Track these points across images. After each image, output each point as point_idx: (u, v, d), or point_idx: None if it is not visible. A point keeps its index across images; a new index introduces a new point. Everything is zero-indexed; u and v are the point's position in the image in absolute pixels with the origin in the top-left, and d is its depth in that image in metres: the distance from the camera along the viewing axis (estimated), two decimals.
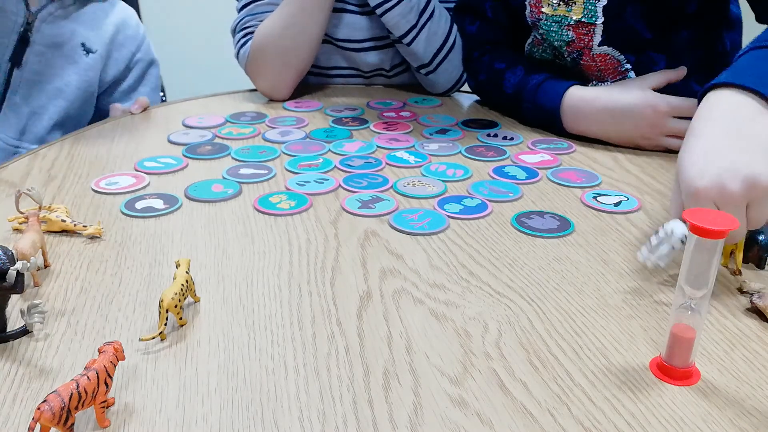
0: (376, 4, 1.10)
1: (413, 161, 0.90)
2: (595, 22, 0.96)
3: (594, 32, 0.98)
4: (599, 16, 0.96)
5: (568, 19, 0.98)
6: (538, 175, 0.86)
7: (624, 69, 1.00)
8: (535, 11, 1.01)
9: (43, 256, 0.64)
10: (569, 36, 0.99)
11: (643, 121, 0.92)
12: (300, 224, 0.73)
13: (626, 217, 0.76)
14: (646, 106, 0.92)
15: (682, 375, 0.50)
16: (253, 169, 0.87)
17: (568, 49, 1.01)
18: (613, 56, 0.99)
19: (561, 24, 0.99)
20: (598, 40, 0.98)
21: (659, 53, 0.98)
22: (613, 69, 1.00)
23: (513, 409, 0.47)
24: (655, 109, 0.91)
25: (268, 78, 1.16)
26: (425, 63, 1.15)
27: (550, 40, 1.02)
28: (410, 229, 0.72)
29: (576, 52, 1.01)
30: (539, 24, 1.02)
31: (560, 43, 1.01)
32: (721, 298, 0.60)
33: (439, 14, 1.14)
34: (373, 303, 0.59)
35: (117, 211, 0.75)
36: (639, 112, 0.92)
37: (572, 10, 0.97)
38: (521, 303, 0.59)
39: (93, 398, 0.44)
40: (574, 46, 1.00)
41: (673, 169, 0.89)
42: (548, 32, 1.01)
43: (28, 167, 0.87)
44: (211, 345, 0.53)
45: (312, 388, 0.49)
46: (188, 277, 0.56)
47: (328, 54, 1.23)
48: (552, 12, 0.99)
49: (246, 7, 1.17)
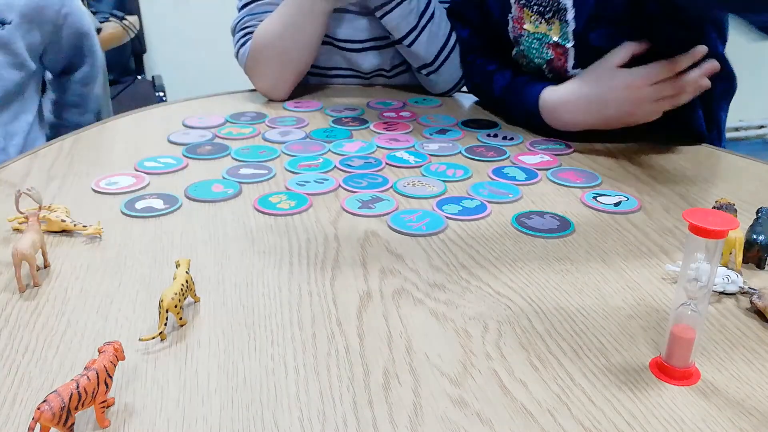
0: (376, 6, 1.11)
1: (413, 161, 0.90)
2: (566, 45, 0.96)
3: (568, 54, 0.97)
4: (570, 40, 0.95)
5: (548, 37, 0.97)
6: (537, 176, 0.86)
7: None
8: (518, 27, 1.01)
9: (43, 256, 0.64)
10: (549, 55, 0.98)
11: (624, 102, 0.90)
12: (300, 224, 0.73)
13: (626, 217, 0.76)
14: (621, 88, 0.90)
15: (682, 375, 0.50)
16: (253, 169, 0.87)
17: (547, 67, 1.01)
18: None
19: (542, 42, 0.98)
20: (572, 63, 0.97)
21: None
22: None
23: (513, 409, 0.47)
24: (629, 86, 0.89)
25: (268, 78, 1.16)
26: (428, 63, 1.16)
27: (531, 57, 1.01)
28: (408, 230, 0.72)
29: (555, 71, 1.00)
30: (520, 40, 1.01)
31: (540, 61, 1.00)
32: (721, 298, 0.60)
33: (440, 16, 1.14)
34: (373, 303, 0.59)
35: (117, 211, 0.75)
36: (615, 97, 0.90)
37: (552, 29, 0.96)
38: (521, 303, 0.59)
39: (93, 398, 0.44)
40: (554, 65, 0.99)
41: (673, 169, 0.89)
42: (529, 49, 1.01)
43: (28, 167, 0.87)
44: (211, 345, 0.53)
45: (312, 388, 0.49)
46: (188, 277, 0.56)
47: (328, 54, 1.23)
48: (534, 29, 0.98)
49: (246, 6, 1.17)
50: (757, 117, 3.37)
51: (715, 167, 0.92)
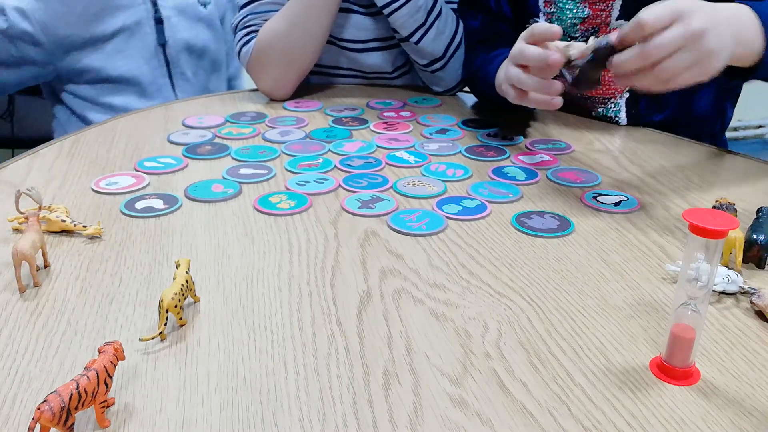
0: (383, 5, 1.10)
1: (413, 161, 0.90)
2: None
3: (612, 6, 0.97)
4: None
5: None
6: (537, 176, 0.86)
7: None
8: None
9: (43, 256, 0.64)
10: (585, 12, 0.98)
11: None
12: (300, 224, 0.73)
13: (626, 217, 0.76)
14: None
15: (682, 375, 0.50)
16: (253, 169, 0.87)
17: (582, 27, 1.00)
18: None
19: (577, 1, 0.98)
20: (616, 14, 0.98)
21: None
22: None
23: (513, 409, 0.47)
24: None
25: (271, 77, 1.15)
26: (435, 59, 1.15)
27: (563, 18, 1.01)
28: (408, 230, 0.72)
29: (591, 29, 1.00)
30: (554, 2, 1.01)
31: (574, 21, 1.00)
32: (721, 298, 0.60)
33: (446, 13, 1.14)
34: (373, 303, 0.59)
35: (117, 211, 0.75)
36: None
37: None
38: (521, 303, 0.59)
39: (93, 398, 0.44)
40: (590, 22, 0.99)
41: (673, 169, 0.89)
42: (562, 10, 1.00)
43: (28, 167, 0.87)
44: (211, 345, 0.53)
45: (312, 388, 0.49)
46: (188, 277, 0.56)
47: (330, 54, 1.23)
48: None
49: (248, 5, 1.17)
50: (756, 117, 3.37)
51: (715, 167, 0.92)
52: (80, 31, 1.26)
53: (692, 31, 0.67)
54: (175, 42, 1.34)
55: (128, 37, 1.30)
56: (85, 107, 1.33)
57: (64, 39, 1.26)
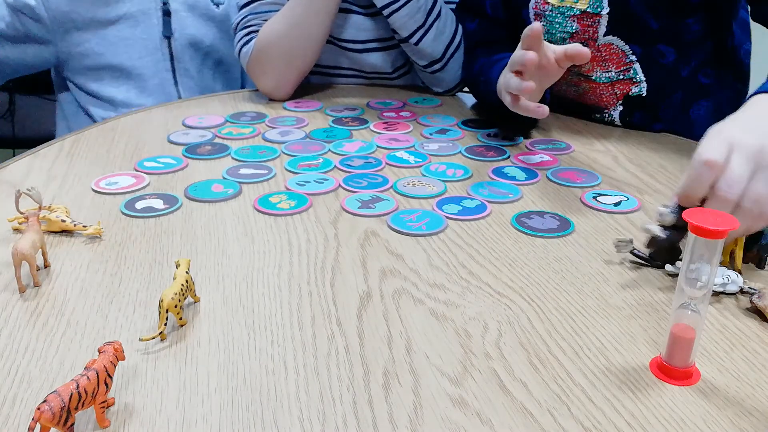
0: (383, 5, 1.10)
1: (413, 161, 0.90)
2: (601, 12, 0.96)
3: (599, 23, 0.98)
4: (605, 7, 0.96)
5: (573, 9, 0.98)
6: (537, 176, 0.86)
7: (629, 60, 0.99)
8: (541, 2, 1.01)
9: (43, 256, 0.64)
10: (573, 27, 0.99)
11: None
12: (300, 224, 0.73)
13: (626, 217, 0.76)
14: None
15: (682, 375, 0.50)
16: (253, 169, 0.87)
17: (570, 41, 1.01)
18: (618, 46, 0.99)
19: (565, 15, 0.99)
20: (603, 30, 0.98)
21: (668, 46, 0.98)
22: (618, 59, 1.00)
23: (513, 409, 0.47)
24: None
25: (272, 77, 1.15)
26: (435, 60, 1.16)
27: (553, 31, 1.01)
28: (408, 230, 0.72)
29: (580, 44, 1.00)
30: (544, 15, 1.01)
31: (563, 35, 1.01)
32: (721, 298, 0.60)
33: (445, 13, 1.14)
34: (373, 303, 0.59)
35: (117, 211, 0.75)
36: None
37: (578, 1, 0.97)
38: (521, 303, 0.59)
39: (93, 398, 0.44)
40: (578, 38, 1.00)
41: (672, 170, 0.89)
42: (552, 24, 1.01)
43: (28, 167, 0.87)
44: (211, 345, 0.53)
45: (312, 388, 0.49)
46: (188, 277, 0.56)
47: (330, 54, 1.23)
48: (558, 3, 0.99)
49: (248, 5, 1.17)
50: None
51: None
52: (82, 10, 1.25)
53: (754, 151, 0.59)
54: (182, 36, 1.33)
55: (133, 25, 1.29)
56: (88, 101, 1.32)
57: (64, 15, 1.24)
